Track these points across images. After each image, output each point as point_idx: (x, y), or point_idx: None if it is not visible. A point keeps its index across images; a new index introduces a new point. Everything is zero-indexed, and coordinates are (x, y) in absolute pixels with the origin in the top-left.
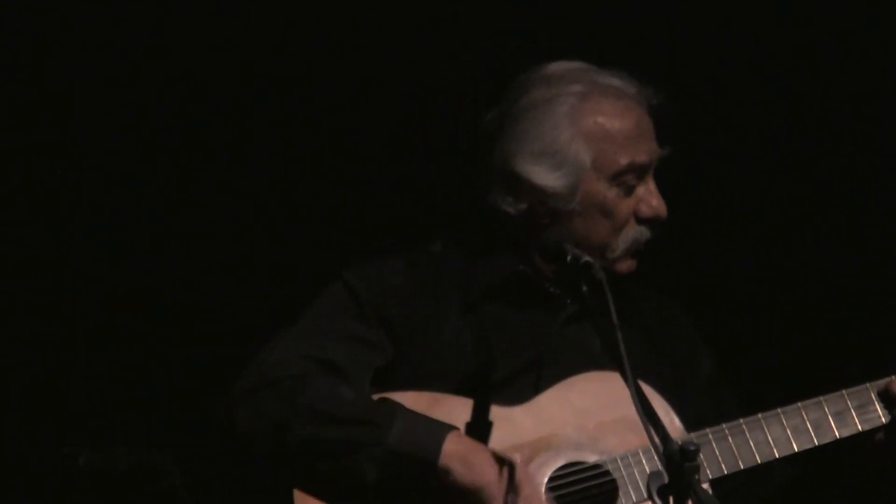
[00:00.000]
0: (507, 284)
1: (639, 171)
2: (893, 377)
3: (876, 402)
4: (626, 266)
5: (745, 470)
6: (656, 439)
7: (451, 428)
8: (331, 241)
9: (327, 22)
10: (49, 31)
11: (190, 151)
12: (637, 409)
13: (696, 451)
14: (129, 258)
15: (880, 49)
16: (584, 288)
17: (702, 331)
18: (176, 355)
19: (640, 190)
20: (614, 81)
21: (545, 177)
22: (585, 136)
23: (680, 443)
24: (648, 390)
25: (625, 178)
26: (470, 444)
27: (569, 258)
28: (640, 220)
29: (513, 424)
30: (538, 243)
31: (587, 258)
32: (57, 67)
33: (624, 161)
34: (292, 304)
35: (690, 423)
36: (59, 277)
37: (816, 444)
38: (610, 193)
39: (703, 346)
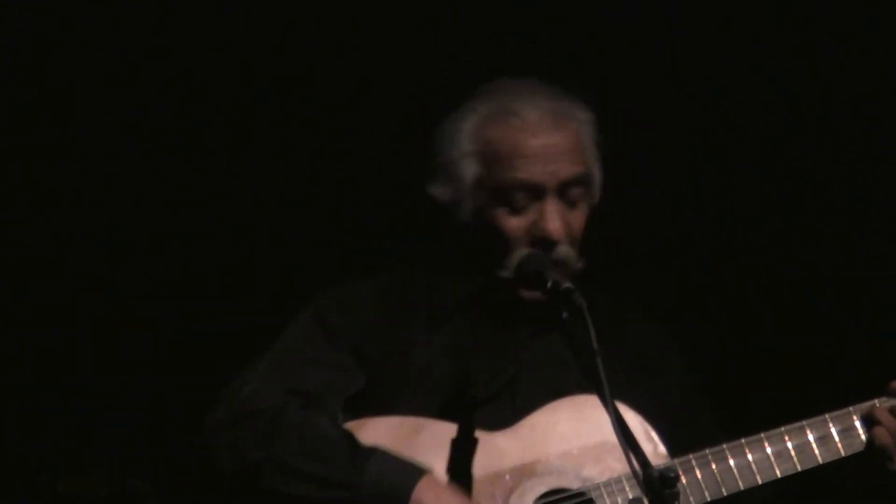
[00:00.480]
0: (471, 298)
1: (531, 191)
2: (876, 401)
3: (858, 427)
4: (528, 294)
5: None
6: (636, 465)
7: (423, 473)
8: (305, 261)
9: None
10: (49, 31)
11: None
12: (617, 436)
13: (676, 478)
14: (110, 278)
15: (878, 49)
16: (565, 314)
17: (681, 344)
18: (155, 382)
19: (535, 210)
20: (517, 99)
21: (439, 191)
22: (475, 153)
23: (660, 469)
24: (631, 414)
25: (510, 197)
26: (437, 493)
27: (549, 284)
28: (534, 241)
29: (496, 450)
30: (517, 268)
31: (567, 284)
32: (56, 67)
33: (506, 178)
34: (268, 332)
35: (667, 440)
36: (37, 303)
37: (799, 469)
38: (497, 212)
39: (677, 359)
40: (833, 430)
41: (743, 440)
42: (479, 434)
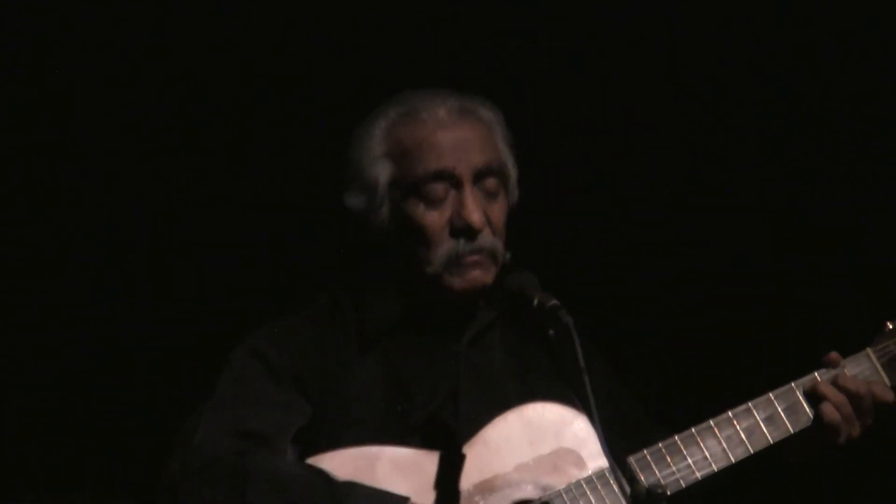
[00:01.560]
0: (400, 317)
1: (446, 180)
2: (816, 374)
3: (803, 402)
4: (458, 282)
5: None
6: (624, 483)
7: (405, 500)
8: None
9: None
10: (48, 30)
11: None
12: (604, 451)
13: (664, 494)
14: (96, 292)
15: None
16: (551, 332)
17: (603, 337)
18: (140, 401)
19: (454, 202)
20: (423, 100)
21: (355, 202)
22: (384, 155)
23: (648, 486)
24: (587, 426)
25: (426, 190)
26: None
27: (535, 303)
28: (455, 233)
29: (455, 471)
30: (502, 288)
31: (554, 301)
32: (56, 67)
33: (420, 171)
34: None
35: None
36: (23, 316)
37: (752, 452)
38: (414, 208)
39: (599, 356)
40: (779, 408)
41: (693, 429)
42: (436, 456)
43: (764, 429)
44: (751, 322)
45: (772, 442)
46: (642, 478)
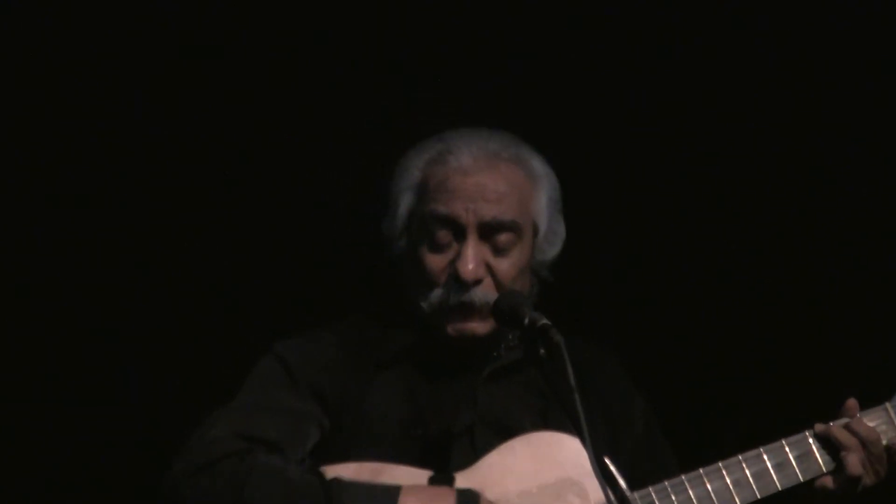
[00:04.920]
0: (421, 342)
1: (451, 228)
2: (831, 423)
3: (815, 451)
4: (448, 329)
5: None
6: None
7: (400, 488)
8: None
9: None
10: (48, 30)
11: None
12: (595, 472)
13: None
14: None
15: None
16: (542, 351)
17: (634, 375)
18: (150, 411)
19: (456, 247)
20: (460, 140)
21: (384, 224)
22: (412, 186)
23: None
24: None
25: (431, 231)
26: (421, 494)
27: (526, 321)
28: (451, 279)
29: None
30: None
31: (545, 321)
32: (57, 67)
33: (429, 211)
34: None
35: (627, 479)
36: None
37: (759, 497)
38: (421, 246)
39: (636, 395)
40: (790, 456)
41: (701, 470)
42: (438, 476)
43: (773, 475)
44: (769, 372)
45: (779, 488)
46: None
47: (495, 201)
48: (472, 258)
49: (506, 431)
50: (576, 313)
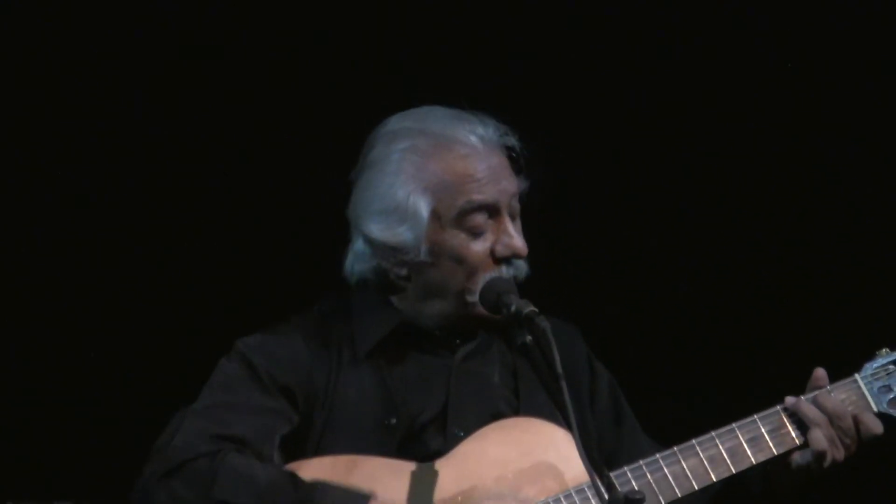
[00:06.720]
0: (392, 336)
1: (487, 211)
2: (801, 397)
3: (788, 425)
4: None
5: None
6: (602, 489)
7: (368, 498)
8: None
9: None
10: (48, 30)
11: None
12: (581, 457)
13: (641, 500)
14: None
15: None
16: (529, 338)
17: (607, 355)
18: (122, 410)
19: (494, 230)
20: (452, 128)
21: (389, 233)
22: (423, 188)
23: (625, 492)
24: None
25: (468, 221)
26: None
27: (512, 309)
28: (499, 260)
29: (432, 481)
30: (481, 295)
31: (531, 308)
32: (57, 67)
33: (461, 203)
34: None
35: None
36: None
37: (734, 472)
38: (456, 240)
39: (600, 369)
40: (764, 430)
41: (675, 448)
42: (413, 466)
43: (747, 449)
44: (744, 342)
45: (754, 462)
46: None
47: (510, 175)
48: (518, 233)
49: (479, 411)
50: (550, 295)
